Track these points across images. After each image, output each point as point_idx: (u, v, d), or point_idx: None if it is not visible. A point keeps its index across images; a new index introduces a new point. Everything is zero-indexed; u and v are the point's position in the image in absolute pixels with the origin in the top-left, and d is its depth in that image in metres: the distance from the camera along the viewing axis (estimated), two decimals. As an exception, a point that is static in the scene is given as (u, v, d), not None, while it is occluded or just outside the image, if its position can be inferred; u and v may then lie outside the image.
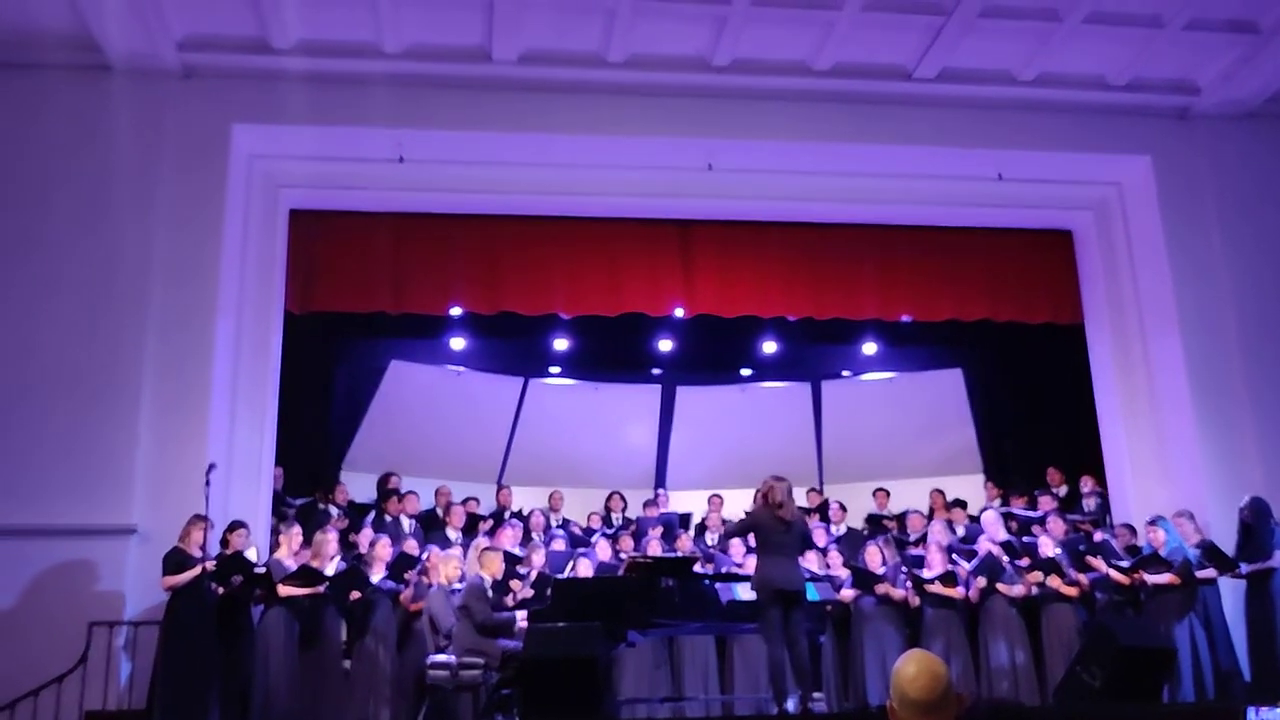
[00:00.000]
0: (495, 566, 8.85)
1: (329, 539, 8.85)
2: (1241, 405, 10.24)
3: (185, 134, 9.63)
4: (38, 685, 7.78)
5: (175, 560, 8.01)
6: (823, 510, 11.82)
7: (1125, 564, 9.19)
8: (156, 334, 9.14)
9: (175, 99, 9.70)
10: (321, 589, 8.47)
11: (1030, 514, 10.87)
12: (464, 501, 11.19)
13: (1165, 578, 8.91)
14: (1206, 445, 10.15)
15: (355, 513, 10.82)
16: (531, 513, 11.30)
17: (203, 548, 8.03)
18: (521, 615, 8.64)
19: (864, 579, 9.56)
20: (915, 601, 9.52)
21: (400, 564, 8.99)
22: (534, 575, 9.39)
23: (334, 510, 10.58)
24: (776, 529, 7.85)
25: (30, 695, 7.73)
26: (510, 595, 9.11)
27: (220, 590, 8.11)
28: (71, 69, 9.47)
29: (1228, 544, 9.18)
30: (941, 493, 11.88)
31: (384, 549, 9.11)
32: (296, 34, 9.55)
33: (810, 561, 9.82)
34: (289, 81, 9.70)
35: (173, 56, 9.55)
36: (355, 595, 8.68)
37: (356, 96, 9.84)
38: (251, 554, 8.50)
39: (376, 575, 8.87)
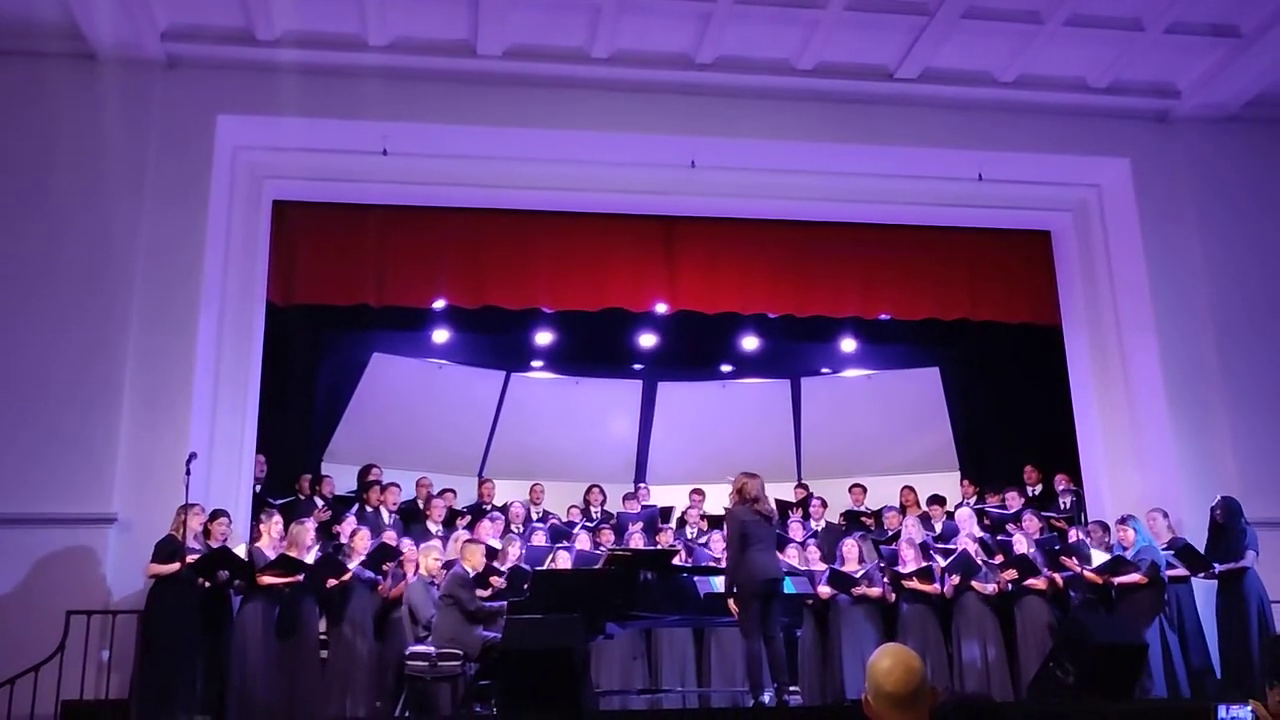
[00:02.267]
0: (476, 559, 8.89)
1: (306, 528, 8.86)
2: (1216, 405, 10.34)
3: (170, 124, 9.60)
4: (14, 674, 7.73)
5: (168, 549, 8.02)
6: (805, 505, 11.86)
7: (1092, 568, 9.25)
8: (139, 323, 9.13)
9: (160, 89, 9.66)
10: (300, 578, 8.48)
11: (1004, 511, 10.95)
12: (441, 493, 11.19)
13: (1133, 578, 8.99)
14: (1181, 444, 10.24)
15: (339, 505, 10.82)
16: (510, 505, 11.32)
17: (195, 536, 8.04)
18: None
19: (842, 580, 9.62)
20: (892, 597, 9.60)
21: (379, 554, 8.98)
22: (509, 569, 9.39)
23: (318, 501, 10.57)
24: (760, 523, 7.97)
25: (7, 684, 7.69)
26: (489, 589, 9.13)
27: (205, 584, 8.12)
28: (56, 57, 9.43)
29: (1201, 542, 9.28)
30: (913, 489, 11.94)
31: (362, 540, 9.12)
32: (281, 25, 9.53)
33: (789, 556, 9.88)
34: (273, 73, 9.69)
35: (157, 46, 9.52)
36: (332, 582, 8.68)
37: (341, 89, 9.82)
38: (240, 550, 8.51)
39: (353, 565, 8.87)
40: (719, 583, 8.47)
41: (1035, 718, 7.51)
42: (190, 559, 8.00)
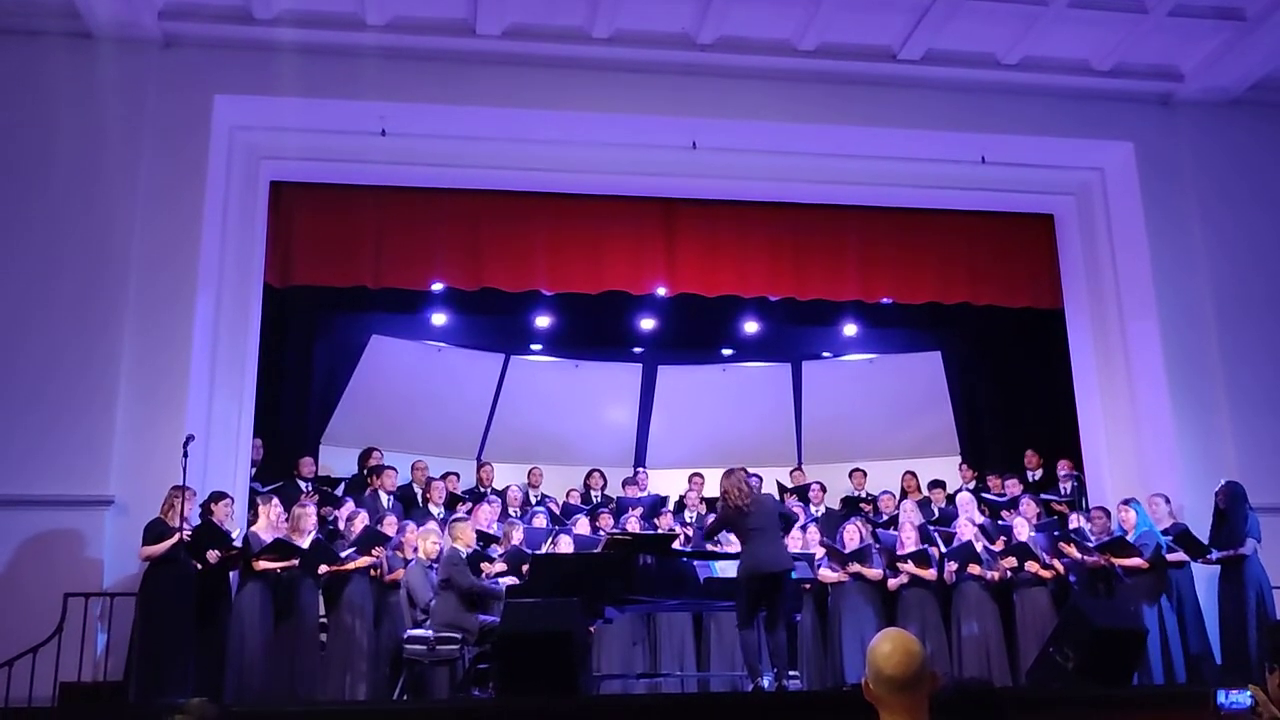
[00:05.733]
0: (468, 537, 8.85)
1: (307, 512, 8.84)
2: (1217, 391, 10.32)
3: (167, 104, 9.53)
4: (12, 656, 7.72)
5: (156, 531, 7.99)
6: (802, 491, 11.85)
7: (1093, 543, 9.26)
8: (136, 304, 9.09)
9: (157, 68, 9.60)
10: (294, 563, 8.46)
11: (1003, 497, 10.95)
12: (443, 477, 11.17)
13: (1133, 561, 8.98)
14: (1182, 430, 10.23)
15: (325, 487, 10.78)
16: (507, 488, 11.31)
17: (184, 518, 8.01)
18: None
19: (839, 556, 9.61)
20: (892, 584, 9.57)
21: (368, 539, 8.96)
22: (508, 550, 9.36)
23: (301, 484, 10.52)
24: (742, 518, 7.94)
25: (4, 666, 7.68)
26: (482, 575, 9.10)
27: (199, 566, 8.10)
28: (52, 36, 9.36)
29: (1201, 527, 9.27)
30: (914, 474, 11.94)
31: (360, 523, 9.11)
32: (279, 4, 9.47)
33: (789, 540, 9.84)
34: (271, 52, 9.62)
35: (154, 25, 9.45)
36: (323, 570, 8.66)
37: (339, 68, 9.77)
38: (235, 534, 8.48)
39: (348, 551, 8.85)
40: (719, 567, 8.47)
41: (1035, 702, 7.50)
42: (184, 537, 7.98)
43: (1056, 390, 11.73)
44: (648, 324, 13.12)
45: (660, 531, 10.15)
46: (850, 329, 13.30)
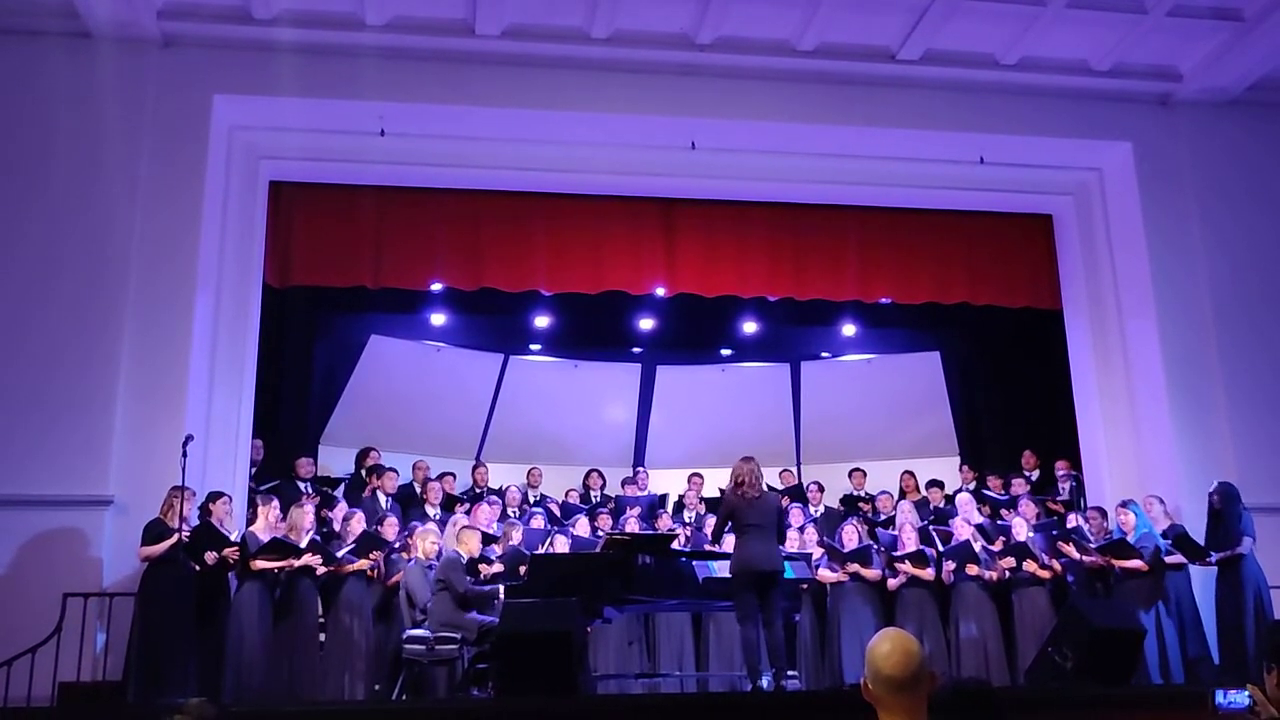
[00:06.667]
0: (473, 544, 8.85)
1: (305, 512, 8.84)
2: (1216, 391, 10.32)
3: (166, 104, 9.53)
4: (11, 656, 7.72)
5: (155, 531, 7.99)
6: (795, 491, 11.85)
7: (1094, 545, 9.26)
8: (135, 304, 9.08)
9: (156, 68, 9.59)
10: (292, 562, 8.45)
11: (1003, 496, 10.95)
12: (439, 477, 11.16)
13: (1134, 564, 8.97)
14: (1180, 430, 10.23)
15: (324, 487, 10.78)
16: (506, 489, 11.30)
17: (183, 518, 8.01)
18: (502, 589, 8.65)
19: (835, 555, 9.61)
20: (892, 583, 9.57)
21: (366, 544, 8.94)
22: (507, 550, 9.34)
23: (300, 484, 10.51)
24: (746, 509, 7.92)
25: (3, 666, 7.68)
26: (480, 575, 9.09)
27: (196, 567, 8.10)
28: (51, 36, 9.36)
29: (1199, 528, 9.26)
30: (912, 474, 11.94)
31: (358, 524, 9.11)
32: (279, 4, 9.47)
33: (787, 539, 9.85)
34: (270, 52, 9.62)
35: (153, 25, 9.44)
36: (322, 570, 8.66)
37: (339, 68, 9.77)
38: (234, 536, 8.48)
39: (344, 552, 8.84)
40: (718, 567, 8.46)
41: (1033, 702, 7.50)
42: (183, 537, 7.98)
43: (1055, 390, 11.73)
44: (647, 324, 13.14)
45: (659, 531, 10.16)
46: (849, 329, 13.31)
